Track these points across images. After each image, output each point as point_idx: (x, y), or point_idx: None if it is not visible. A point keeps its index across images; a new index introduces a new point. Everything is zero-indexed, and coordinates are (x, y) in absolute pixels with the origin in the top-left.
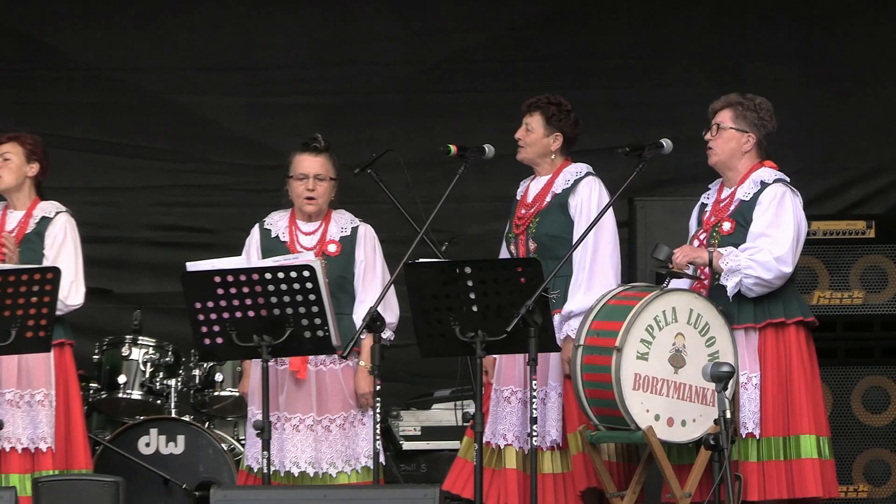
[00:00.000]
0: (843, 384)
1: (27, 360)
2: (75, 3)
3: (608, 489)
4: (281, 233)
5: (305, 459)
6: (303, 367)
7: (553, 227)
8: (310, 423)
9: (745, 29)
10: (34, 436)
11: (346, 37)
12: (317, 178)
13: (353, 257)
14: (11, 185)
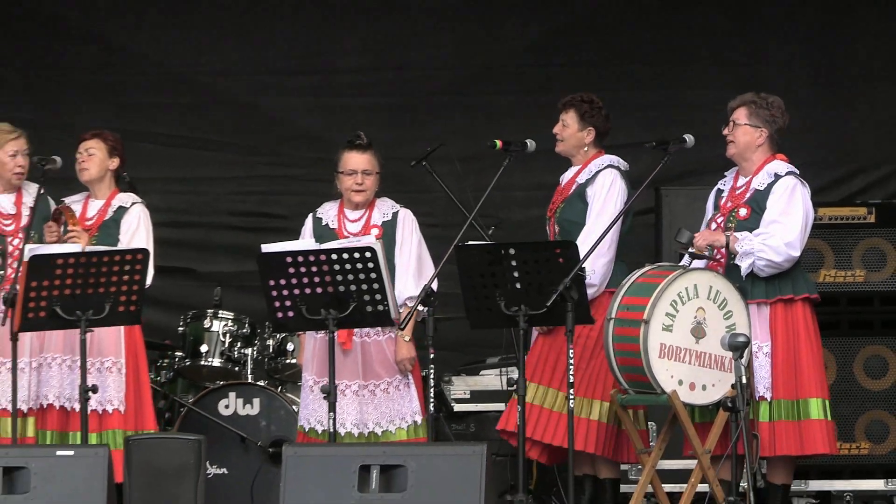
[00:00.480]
0: (846, 353)
1: (98, 332)
2: (163, 15)
3: (637, 446)
4: (330, 220)
5: (351, 421)
6: (348, 339)
7: (573, 213)
8: (355, 389)
9: (759, 35)
10: (102, 398)
11: (403, 44)
12: (364, 172)
13: (394, 239)
14: (94, 177)
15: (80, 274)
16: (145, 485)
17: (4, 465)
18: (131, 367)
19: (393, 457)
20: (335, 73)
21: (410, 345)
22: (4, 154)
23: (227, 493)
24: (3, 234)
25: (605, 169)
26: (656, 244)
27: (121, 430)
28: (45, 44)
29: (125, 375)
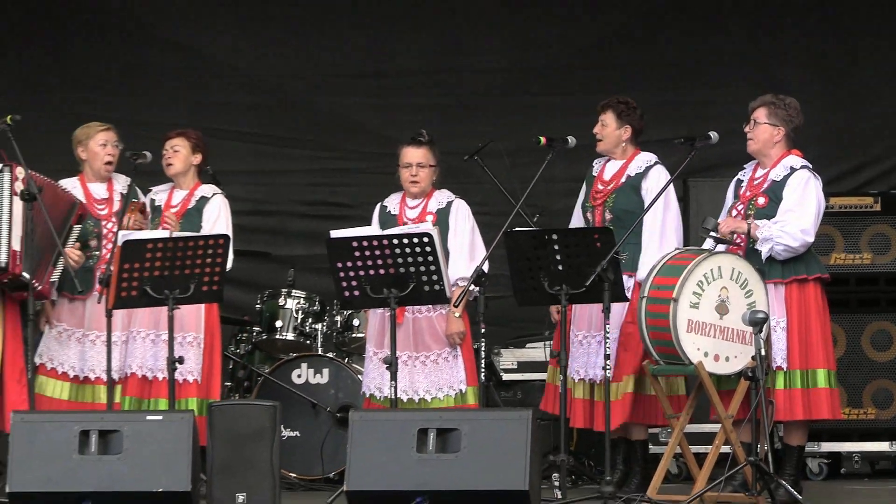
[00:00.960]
0: (854, 328)
1: (181, 309)
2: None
3: (666, 412)
4: (393, 208)
5: (401, 388)
6: (400, 314)
7: (628, 203)
8: (405, 359)
9: (775, 42)
10: (182, 370)
11: (456, 49)
12: (418, 165)
13: (448, 225)
14: (179, 171)
15: (167, 257)
16: (226, 447)
17: (100, 429)
18: (207, 342)
19: (448, 421)
20: (393, 75)
21: (461, 320)
22: (95, 144)
23: (300, 453)
24: (98, 217)
25: (655, 166)
26: (685, 230)
27: (195, 398)
28: (137, 51)
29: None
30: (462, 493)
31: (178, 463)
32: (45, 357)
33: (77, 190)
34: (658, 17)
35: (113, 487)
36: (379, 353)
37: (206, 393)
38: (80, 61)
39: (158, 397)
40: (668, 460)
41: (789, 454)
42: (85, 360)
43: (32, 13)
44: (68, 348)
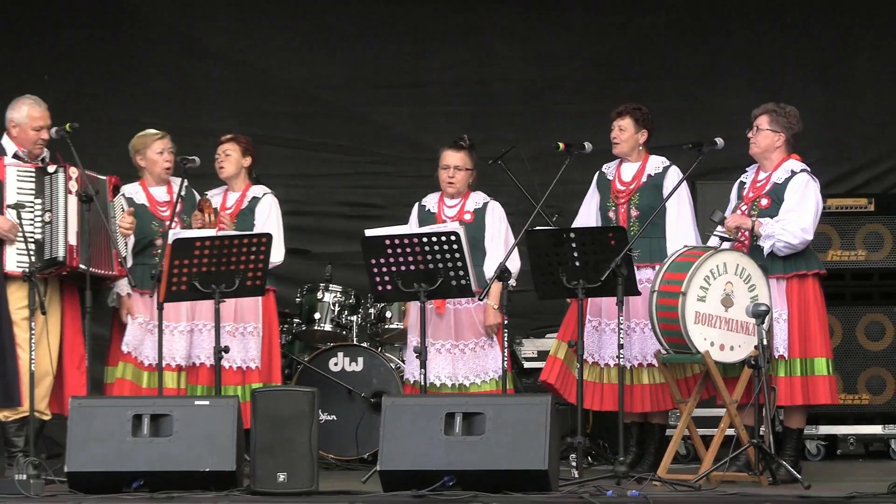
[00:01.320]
0: (850, 319)
1: (241, 302)
2: (285, 38)
3: (676, 397)
4: (432, 207)
5: (445, 374)
6: (442, 305)
7: (652, 200)
8: (448, 347)
9: (778, 54)
10: (245, 357)
11: (483, 62)
12: (455, 168)
13: (484, 224)
14: (231, 174)
15: (214, 254)
16: (268, 429)
17: (152, 413)
18: (266, 332)
19: (473, 406)
20: (426, 86)
21: (497, 312)
22: (153, 152)
23: (336, 436)
24: (162, 219)
25: (672, 166)
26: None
27: (257, 383)
28: (188, 63)
29: (261, 338)
30: (486, 473)
31: (223, 444)
32: (130, 347)
33: (140, 194)
34: (667, 32)
35: (163, 467)
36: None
37: (267, 378)
38: (137, 74)
39: (225, 384)
40: (677, 442)
41: (789, 436)
42: (157, 350)
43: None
44: (146, 339)
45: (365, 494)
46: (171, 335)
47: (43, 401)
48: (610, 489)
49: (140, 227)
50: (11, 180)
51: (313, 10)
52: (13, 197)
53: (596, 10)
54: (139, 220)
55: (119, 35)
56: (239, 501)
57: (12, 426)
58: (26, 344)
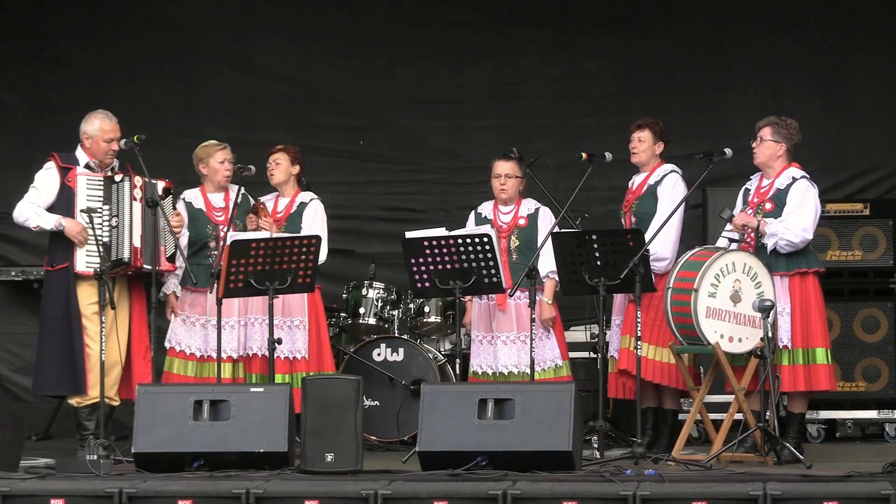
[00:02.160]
0: (847, 314)
1: (288, 298)
2: (332, 56)
3: (688, 384)
4: (488, 213)
5: (512, 363)
6: (504, 302)
7: (647, 207)
8: (512, 339)
9: (781, 72)
10: (293, 349)
11: (513, 80)
12: (506, 176)
13: (537, 228)
14: (281, 181)
15: (268, 254)
16: (317, 414)
17: (211, 399)
18: (313, 324)
19: (504, 392)
20: (460, 101)
21: (552, 307)
22: (215, 161)
23: (379, 420)
24: (216, 223)
25: (670, 173)
26: (703, 231)
27: (304, 372)
28: (245, 80)
29: (308, 331)
30: (515, 454)
31: (276, 428)
32: (173, 342)
33: (198, 199)
34: (679, 53)
35: (221, 448)
36: (487, 336)
37: (317, 367)
38: (198, 90)
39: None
40: (690, 426)
41: (792, 420)
42: (207, 342)
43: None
44: (193, 333)
45: (405, 473)
46: (224, 329)
47: (112, 388)
48: (629, 468)
49: (196, 230)
50: (82, 188)
51: (359, 32)
52: (83, 203)
53: (615, 33)
54: (196, 223)
55: (181, 55)
56: (290, 479)
57: (83, 411)
58: (97, 336)
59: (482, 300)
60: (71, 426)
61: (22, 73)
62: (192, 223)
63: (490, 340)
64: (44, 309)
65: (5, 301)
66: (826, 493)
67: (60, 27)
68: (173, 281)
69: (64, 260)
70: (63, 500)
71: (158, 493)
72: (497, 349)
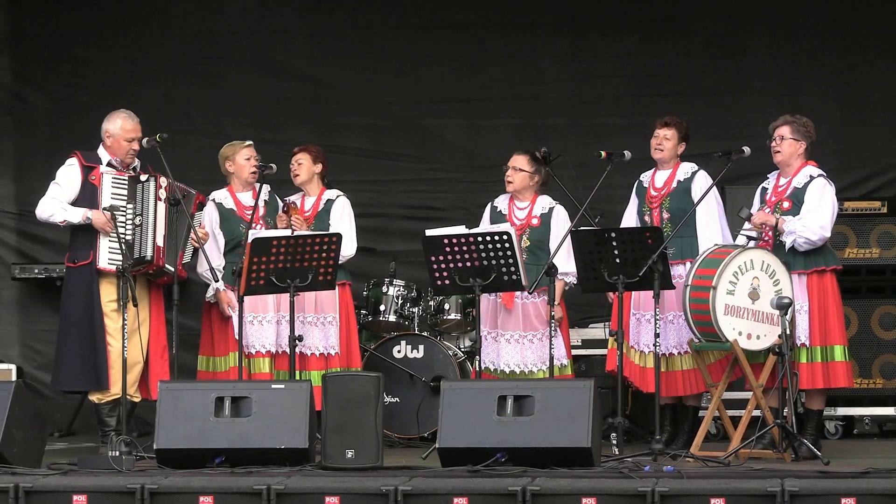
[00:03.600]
0: (865, 311)
1: (321, 295)
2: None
3: (707, 381)
4: (503, 208)
5: (514, 362)
6: (510, 300)
7: (683, 203)
8: (517, 338)
9: (797, 73)
10: (326, 345)
11: (533, 80)
12: (513, 168)
13: (549, 228)
14: (305, 181)
15: (289, 252)
16: (338, 410)
17: (232, 395)
18: (343, 321)
19: (523, 389)
20: (482, 101)
21: (558, 307)
22: (241, 158)
23: (399, 416)
24: (247, 221)
25: (699, 171)
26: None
27: (338, 368)
28: (269, 81)
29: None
30: (535, 450)
31: (297, 424)
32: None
33: (228, 199)
34: (696, 54)
35: (242, 445)
36: (492, 333)
37: (346, 363)
38: (222, 91)
39: (309, 369)
40: (709, 422)
41: (810, 417)
42: (258, 338)
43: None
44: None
45: (425, 469)
46: (260, 325)
47: (133, 385)
48: (647, 465)
49: (228, 230)
50: (107, 186)
51: (380, 34)
52: (107, 201)
53: (634, 34)
54: (228, 223)
55: (204, 55)
56: (311, 476)
57: (105, 407)
58: (118, 333)
59: (490, 297)
60: (93, 423)
61: (46, 74)
62: (224, 223)
63: (495, 337)
64: (65, 305)
65: (28, 298)
66: (844, 490)
67: (85, 27)
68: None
69: (86, 257)
70: (85, 496)
71: (180, 490)
72: (500, 347)
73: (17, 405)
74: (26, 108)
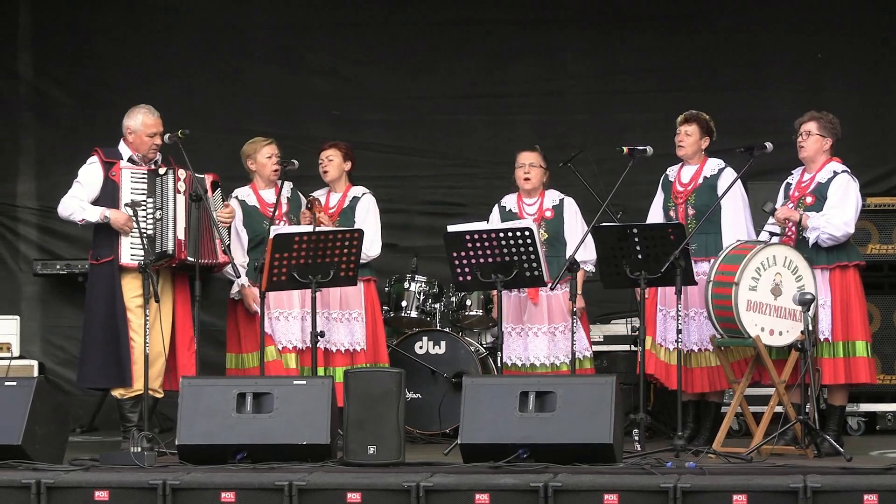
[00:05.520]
0: (888, 307)
1: (346, 291)
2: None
3: (729, 377)
4: (512, 206)
5: (543, 354)
6: (536, 295)
7: (707, 199)
8: (545, 331)
9: (821, 69)
10: (352, 341)
11: (552, 78)
12: (531, 165)
13: (563, 219)
14: (334, 178)
15: (311, 248)
16: (360, 406)
17: (254, 391)
18: (369, 317)
19: (546, 385)
20: (502, 97)
21: (581, 298)
22: (263, 156)
23: (421, 412)
24: (269, 217)
25: (727, 168)
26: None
27: (364, 364)
28: (291, 76)
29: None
30: (557, 446)
31: (319, 420)
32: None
33: (251, 197)
34: (718, 49)
35: (264, 441)
36: (516, 328)
37: (373, 359)
38: (244, 86)
39: (335, 366)
40: (731, 419)
41: (832, 413)
42: (286, 334)
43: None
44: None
45: (447, 465)
46: (287, 321)
47: (156, 380)
48: (669, 461)
49: (252, 227)
50: (126, 182)
51: (401, 29)
52: (128, 196)
53: (655, 30)
54: (251, 220)
55: (226, 51)
56: (332, 472)
57: (127, 403)
58: (141, 329)
59: (512, 293)
60: (115, 418)
61: (67, 69)
62: (248, 220)
63: (520, 332)
64: (88, 302)
65: (50, 295)
66: (866, 486)
67: (106, 23)
68: (242, 274)
69: (109, 253)
70: (107, 491)
71: (202, 485)
72: (528, 341)
73: (39, 401)
74: (48, 103)
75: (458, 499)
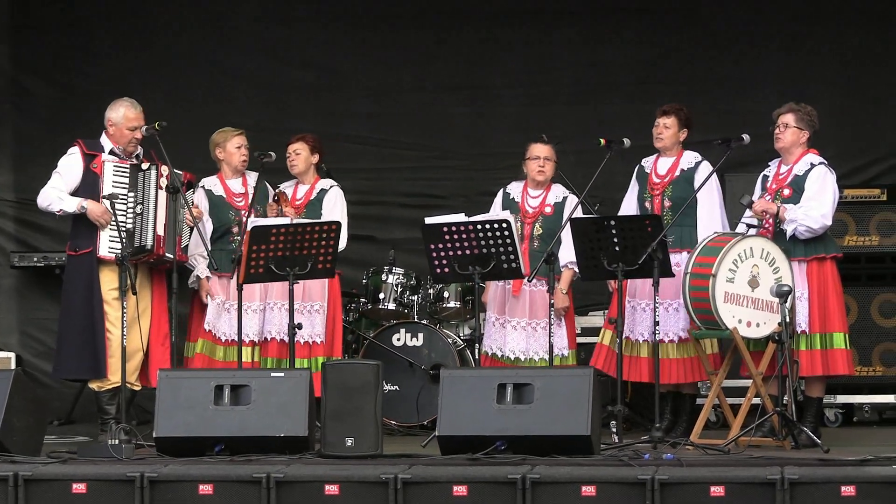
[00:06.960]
0: (865, 299)
1: (308, 283)
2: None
3: (707, 369)
4: (516, 195)
5: (519, 349)
6: (518, 287)
7: (683, 192)
8: (523, 325)
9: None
10: (312, 333)
11: (537, 69)
12: (545, 158)
13: (562, 217)
14: (302, 171)
15: (289, 240)
16: (337, 398)
17: (231, 384)
18: (330, 310)
19: (523, 377)
20: (488, 88)
21: (566, 297)
22: (232, 146)
23: (398, 404)
24: (238, 209)
25: (703, 161)
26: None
27: (322, 356)
28: (271, 68)
29: (326, 316)
30: (534, 438)
31: (297, 412)
32: (210, 325)
33: (217, 186)
34: (699, 41)
35: (242, 433)
36: (500, 319)
37: (329, 352)
38: (224, 78)
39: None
40: (708, 410)
41: (810, 405)
42: (232, 327)
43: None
44: (221, 317)
45: (425, 457)
46: (245, 313)
47: (134, 374)
48: (647, 453)
49: (217, 217)
50: (108, 174)
51: (385, 22)
52: (108, 189)
53: (640, 22)
54: (217, 209)
55: (209, 43)
56: (310, 464)
57: (105, 395)
58: (118, 321)
59: (499, 282)
60: (92, 411)
61: (47, 61)
62: (214, 210)
63: (502, 324)
64: (66, 293)
65: (27, 286)
66: (843, 478)
67: (87, 15)
68: (202, 265)
69: (87, 245)
70: (85, 484)
71: (179, 478)
72: (507, 333)
73: (17, 393)
74: (27, 95)
75: (435, 491)
